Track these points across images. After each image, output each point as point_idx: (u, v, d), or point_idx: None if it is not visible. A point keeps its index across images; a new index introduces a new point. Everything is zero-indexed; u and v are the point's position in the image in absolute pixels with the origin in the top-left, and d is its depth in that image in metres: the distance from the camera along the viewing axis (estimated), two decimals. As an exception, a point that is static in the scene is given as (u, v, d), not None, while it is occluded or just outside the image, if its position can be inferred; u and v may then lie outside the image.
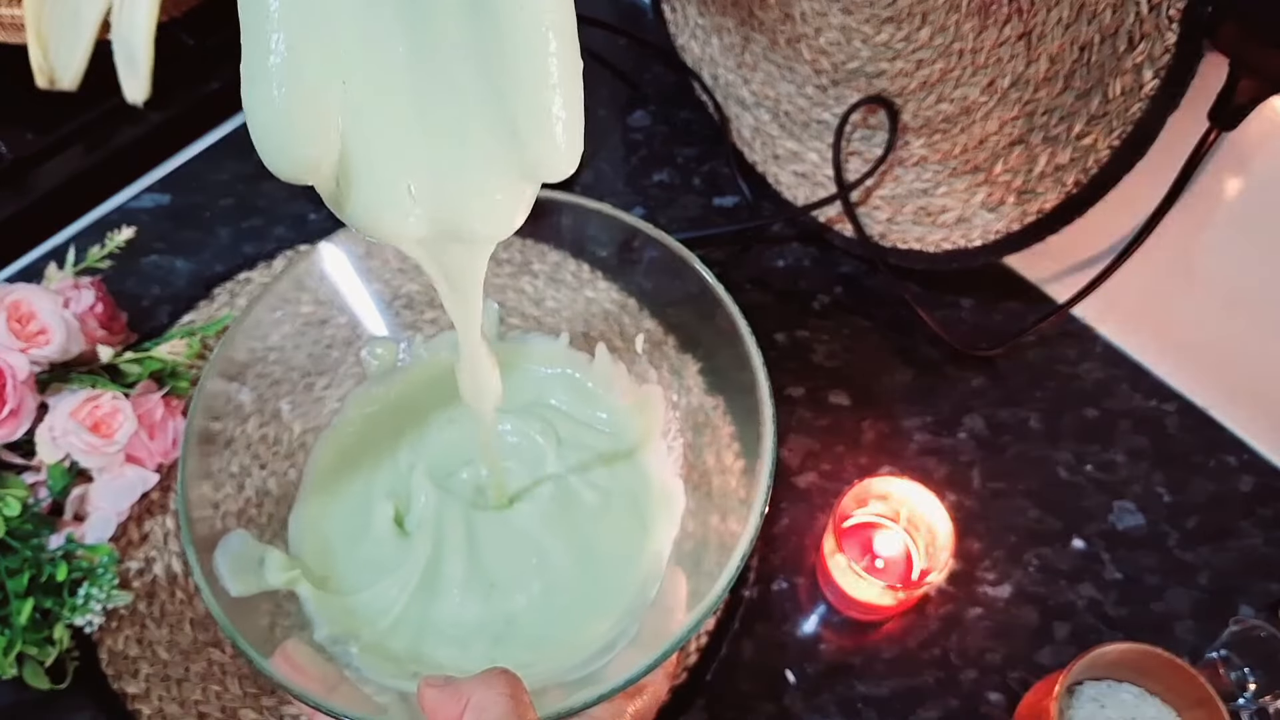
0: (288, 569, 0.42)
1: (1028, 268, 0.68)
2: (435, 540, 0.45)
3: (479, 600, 0.44)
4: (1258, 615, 0.54)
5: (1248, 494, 0.59)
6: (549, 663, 0.41)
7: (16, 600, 0.47)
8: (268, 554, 0.42)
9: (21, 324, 0.52)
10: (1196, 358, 0.62)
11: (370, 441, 0.49)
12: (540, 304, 0.56)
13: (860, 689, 0.52)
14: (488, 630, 0.43)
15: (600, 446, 0.50)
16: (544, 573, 0.45)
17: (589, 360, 0.52)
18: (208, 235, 0.69)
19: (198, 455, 0.42)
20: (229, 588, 0.38)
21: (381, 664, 0.41)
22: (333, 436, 0.49)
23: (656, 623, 0.40)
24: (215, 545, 0.40)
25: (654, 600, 0.43)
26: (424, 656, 0.42)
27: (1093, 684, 0.50)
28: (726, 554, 0.39)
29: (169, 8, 0.69)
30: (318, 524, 0.46)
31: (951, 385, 0.64)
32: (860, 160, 0.67)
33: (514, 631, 0.43)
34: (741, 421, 0.62)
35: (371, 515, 0.46)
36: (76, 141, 0.70)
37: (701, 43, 0.75)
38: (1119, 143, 0.52)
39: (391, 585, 0.44)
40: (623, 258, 0.51)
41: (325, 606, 0.42)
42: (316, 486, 0.47)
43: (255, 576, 0.41)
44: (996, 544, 0.57)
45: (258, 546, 0.42)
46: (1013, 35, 0.56)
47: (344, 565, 0.45)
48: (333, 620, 0.42)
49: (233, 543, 0.41)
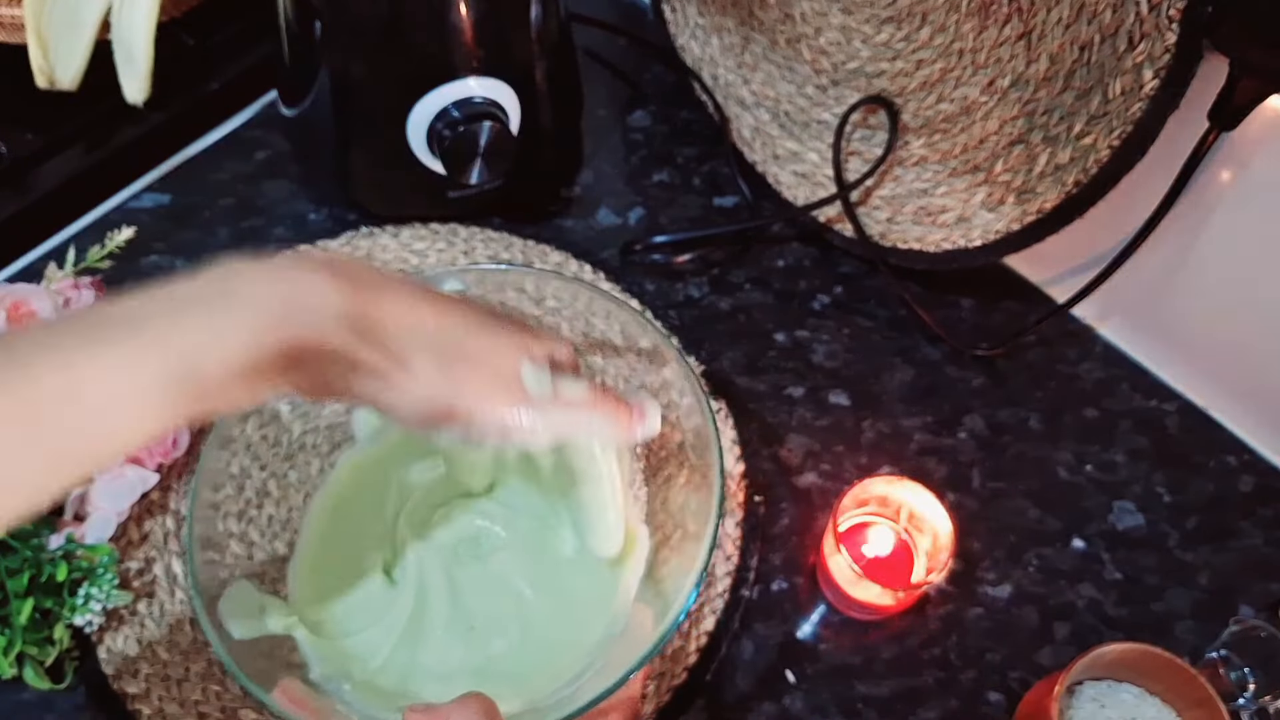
0: (286, 615, 0.46)
1: (1028, 268, 0.68)
2: (419, 588, 0.49)
3: (461, 642, 0.48)
4: (1258, 615, 0.54)
5: (1248, 494, 0.59)
6: (525, 695, 0.45)
7: (16, 600, 0.47)
8: (268, 602, 0.46)
9: (21, 324, 0.52)
10: (1197, 358, 0.62)
11: (359, 494, 0.53)
12: (540, 304, 0.56)
13: (860, 689, 0.52)
14: (469, 668, 0.47)
15: (570, 497, 0.52)
16: (521, 616, 0.49)
17: None
18: (208, 235, 0.69)
19: (203, 522, 0.46)
20: (232, 631, 0.42)
21: (371, 699, 0.45)
22: (325, 493, 0.53)
23: (623, 653, 0.43)
24: (220, 594, 0.43)
25: (621, 632, 0.46)
26: (410, 693, 0.46)
27: (1093, 684, 0.50)
28: (686, 574, 0.43)
29: (169, 8, 0.69)
30: (313, 575, 0.50)
31: (951, 385, 0.64)
32: (860, 160, 0.67)
33: (493, 668, 0.47)
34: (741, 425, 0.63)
35: (362, 565, 0.50)
36: (76, 141, 0.70)
37: (701, 43, 0.75)
38: (1119, 142, 0.52)
39: (380, 630, 0.48)
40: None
41: (320, 649, 0.46)
42: (311, 539, 0.51)
43: (256, 622, 0.44)
44: (996, 544, 0.57)
45: (258, 595, 0.46)
46: (1013, 35, 0.56)
47: (337, 611, 0.48)
48: (326, 661, 0.45)
49: (236, 592, 0.44)
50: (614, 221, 0.72)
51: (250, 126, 0.74)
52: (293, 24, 0.61)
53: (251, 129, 0.74)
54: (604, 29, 0.81)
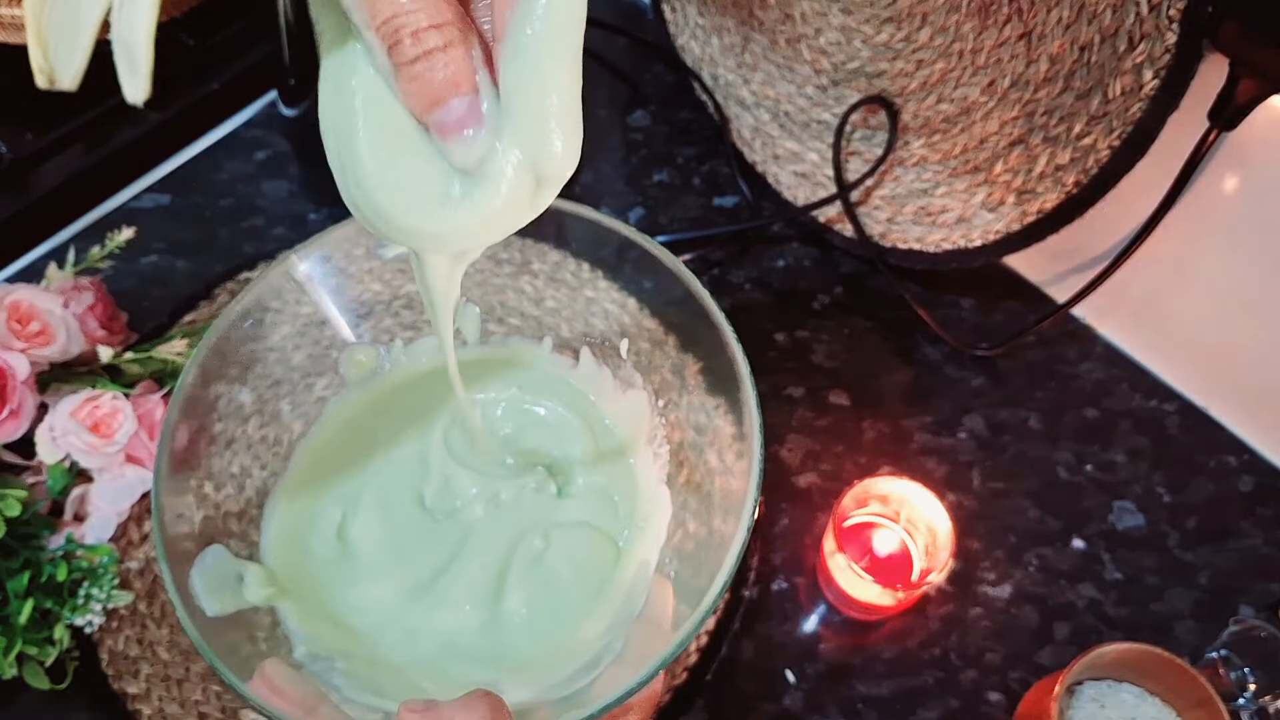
0: (267, 585, 0.41)
1: (1028, 268, 0.68)
2: (420, 554, 0.44)
3: (467, 611, 0.43)
4: (1258, 615, 0.54)
5: (1248, 494, 0.59)
6: (536, 677, 0.40)
7: (17, 600, 0.47)
8: (246, 569, 0.41)
9: (22, 324, 0.52)
10: (1197, 358, 0.62)
11: (349, 448, 0.48)
12: (540, 304, 0.56)
13: (860, 689, 0.52)
14: (475, 642, 0.42)
15: (585, 450, 0.49)
16: (535, 575, 0.44)
17: (573, 364, 0.52)
18: (208, 235, 0.69)
19: (171, 466, 0.40)
20: (205, 606, 0.37)
21: (364, 681, 0.40)
22: (309, 445, 0.47)
23: (643, 637, 0.39)
24: (191, 561, 0.38)
25: (640, 613, 0.42)
26: (407, 671, 0.41)
27: (1093, 684, 0.50)
28: (720, 556, 0.38)
29: (169, 8, 0.69)
30: (293, 534, 0.44)
31: (951, 385, 0.64)
32: (860, 160, 0.67)
33: (501, 642, 0.42)
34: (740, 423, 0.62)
35: (348, 527, 0.45)
36: (76, 141, 0.70)
37: (701, 43, 0.75)
38: (1119, 143, 0.52)
39: (374, 596, 0.42)
40: (619, 259, 0.51)
41: (307, 623, 0.41)
42: (291, 492, 0.45)
43: (233, 594, 0.39)
44: (996, 544, 0.57)
45: (235, 562, 0.41)
46: (1013, 35, 0.56)
47: (322, 581, 0.43)
48: (313, 639, 0.41)
49: (209, 559, 0.39)
50: (614, 221, 0.72)
51: (250, 126, 0.74)
52: (292, 24, 0.61)
53: (251, 129, 0.74)
54: (604, 29, 0.81)
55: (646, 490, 0.48)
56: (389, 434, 0.49)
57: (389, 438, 0.49)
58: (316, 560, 0.44)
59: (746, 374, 0.44)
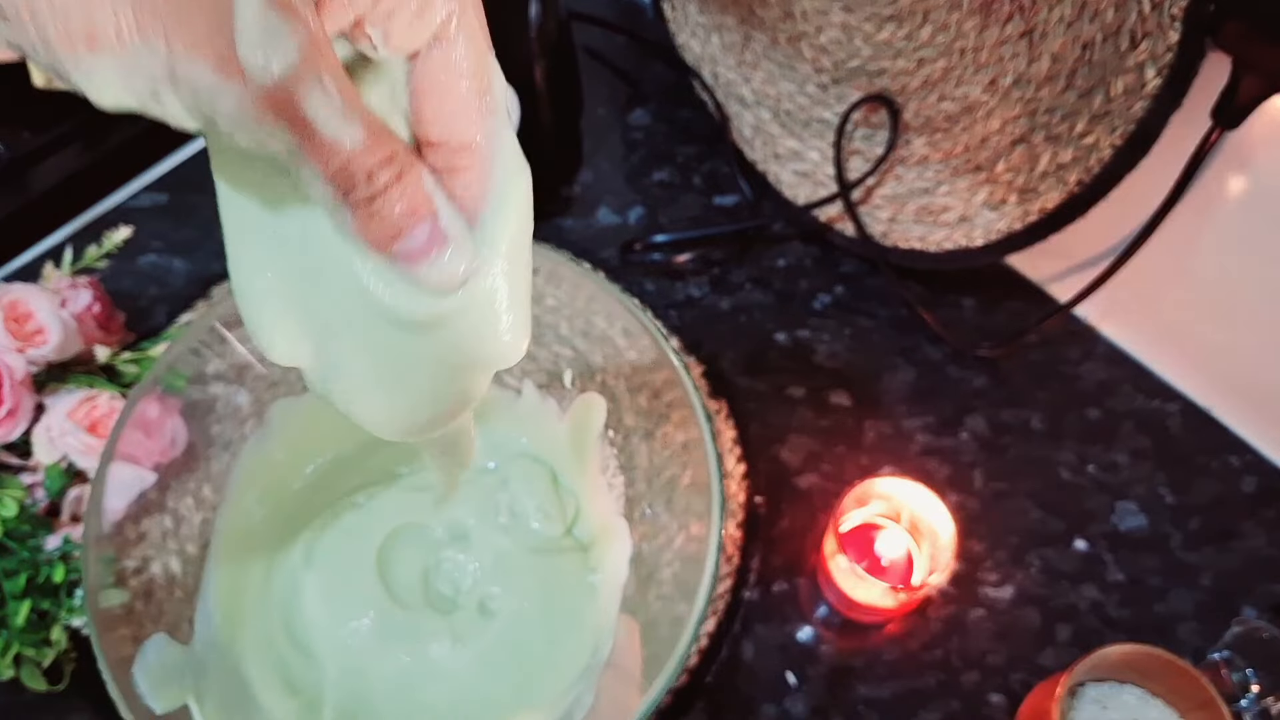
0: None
1: (1030, 267, 0.68)
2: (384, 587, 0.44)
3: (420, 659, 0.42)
4: (1261, 616, 0.54)
5: (1251, 495, 0.59)
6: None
7: (14, 601, 0.47)
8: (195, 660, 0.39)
9: (18, 324, 0.51)
10: (1199, 358, 0.62)
11: (279, 523, 0.46)
12: (539, 303, 0.56)
13: (862, 691, 0.52)
14: (430, 695, 0.41)
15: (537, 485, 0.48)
16: (496, 628, 0.43)
17: (515, 397, 0.51)
18: (205, 235, 0.68)
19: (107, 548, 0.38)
20: (153, 706, 0.35)
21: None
22: (231, 514, 0.46)
23: (614, 687, 0.38)
24: (133, 659, 0.36)
25: (609, 659, 0.41)
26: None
27: (1095, 685, 0.50)
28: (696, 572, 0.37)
29: (167, 6, 0.68)
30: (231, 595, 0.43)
31: (953, 385, 0.63)
32: (861, 159, 0.67)
33: (459, 698, 0.41)
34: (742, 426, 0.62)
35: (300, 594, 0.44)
36: (74, 140, 0.70)
37: (702, 41, 0.75)
38: (1121, 141, 0.52)
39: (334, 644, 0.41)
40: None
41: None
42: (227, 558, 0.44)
43: (178, 687, 0.38)
44: (998, 545, 0.57)
45: (180, 651, 0.39)
46: (1014, 33, 0.56)
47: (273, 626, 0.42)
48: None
49: (150, 652, 0.37)
50: (614, 221, 0.71)
51: (249, 125, 0.74)
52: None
53: (250, 128, 0.74)
54: (604, 27, 0.80)
55: (602, 523, 0.47)
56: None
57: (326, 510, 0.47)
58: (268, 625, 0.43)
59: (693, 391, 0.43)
